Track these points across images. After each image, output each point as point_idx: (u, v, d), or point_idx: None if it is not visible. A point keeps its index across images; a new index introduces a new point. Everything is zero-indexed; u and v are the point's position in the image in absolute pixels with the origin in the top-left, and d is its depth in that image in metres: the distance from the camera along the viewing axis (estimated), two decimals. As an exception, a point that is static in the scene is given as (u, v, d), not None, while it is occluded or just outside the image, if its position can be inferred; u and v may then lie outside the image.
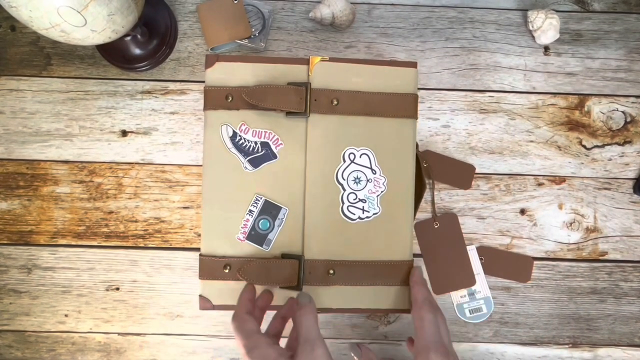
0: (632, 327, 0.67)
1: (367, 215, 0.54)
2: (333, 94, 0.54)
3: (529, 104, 0.68)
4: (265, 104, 0.52)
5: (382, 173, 0.55)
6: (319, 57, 0.54)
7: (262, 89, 0.52)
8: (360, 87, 0.54)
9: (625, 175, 0.67)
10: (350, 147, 0.54)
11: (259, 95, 0.51)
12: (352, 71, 0.54)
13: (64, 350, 0.65)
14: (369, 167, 0.54)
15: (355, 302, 0.54)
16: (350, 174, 0.54)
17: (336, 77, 0.54)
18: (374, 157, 0.55)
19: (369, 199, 0.54)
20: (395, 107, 0.55)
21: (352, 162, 0.54)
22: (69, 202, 0.65)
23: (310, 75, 0.54)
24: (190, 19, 0.67)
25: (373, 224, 0.54)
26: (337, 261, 0.53)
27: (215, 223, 0.54)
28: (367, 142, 0.54)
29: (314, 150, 0.54)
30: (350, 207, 0.54)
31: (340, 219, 0.54)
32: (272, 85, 0.52)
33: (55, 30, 0.50)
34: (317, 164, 0.54)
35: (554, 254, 0.67)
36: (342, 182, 0.54)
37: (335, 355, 0.66)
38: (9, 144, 0.66)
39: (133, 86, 0.66)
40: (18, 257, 0.65)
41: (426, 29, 0.68)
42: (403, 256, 0.55)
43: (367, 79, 0.54)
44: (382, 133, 0.55)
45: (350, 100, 0.54)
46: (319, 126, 0.54)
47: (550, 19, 0.65)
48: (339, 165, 0.54)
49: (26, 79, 0.66)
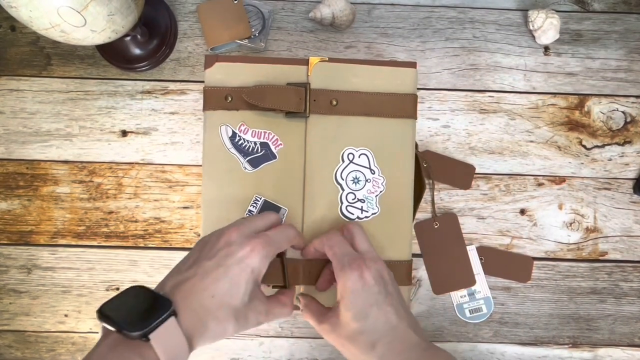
0: (632, 327, 0.67)
1: (365, 215, 0.54)
2: (332, 95, 0.54)
3: (529, 104, 0.68)
4: (264, 104, 0.51)
5: (381, 173, 0.55)
6: (318, 58, 0.54)
7: (261, 89, 0.52)
8: (359, 87, 0.54)
9: (625, 175, 0.67)
10: (349, 147, 0.54)
11: (259, 95, 0.51)
12: (352, 71, 0.54)
13: (64, 350, 0.65)
14: (368, 167, 0.54)
15: None
16: (349, 174, 0.54)
17: (335, 78, 0.54)
18: (372, 157, 0.54)
19: (367, 199, 0.54)
20: (394, 107, 0.54)
21: (351, 162, 0.54)
22: (69, 202, 0.65)
23: (310, 76, 0.54)
24: (190, 19, 0.67)
25: (372, 224, 0.54)
26: None
27: (214, 223, 0.54)
28: (366, 142, 0.54)
29: (313, 150, 0.54)
30: (349, 207, 0.54)
31: (339, 219, 0.54)
32: (271, 86, 0.52)
33: (55, 31, 0.50)
34: (316, 164, 0.54)
35: (554, 254, 0.67)
36: (341, 182, 0.54)
37: (336, 355, 0.66)
38: (9, 144, 0.66)
39: (133, 86, 0.66)
40: (18, 257, 0.65)
41: (426, 29, 0.68)
42: (402, 256, 0.55)
43: (366, 79, 0.54)
44: (381, 133, 0.54)
45: (349, 101, 0.54)
46: (318, 126, 0.54)
47: (550, 19, 0.65)
48: (338, 165, 0.54)
49: (26, 79, 0.66)
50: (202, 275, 0.41)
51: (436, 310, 0.66)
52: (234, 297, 0.41)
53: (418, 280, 0.66)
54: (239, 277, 0.41)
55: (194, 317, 0.39)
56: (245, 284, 0.41)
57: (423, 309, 0.66)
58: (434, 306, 0.66)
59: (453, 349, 0.66)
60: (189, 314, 0.39)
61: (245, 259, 0.41)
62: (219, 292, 0.40)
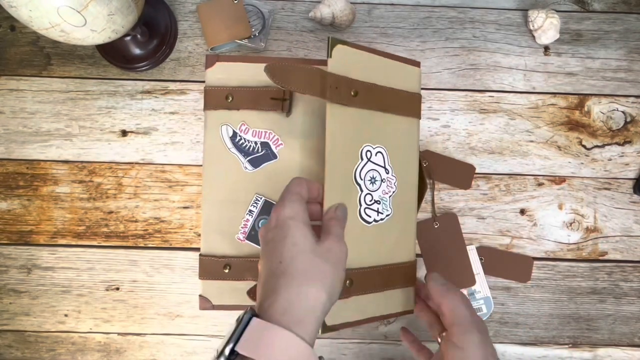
0: (632, 327, 0.67)
1: (381, 217, 0.51)
2: (353, 84, 0.48)
3: (529, 104, 0.68)
4: (288, 84, 0.45)
5: (393, 173, 0.52)
6: (339, 40, 0.48)
7: (285, 67, 0.45)
8: (375, 80, 0.50)
9: (625, 175, 0.67)
10: (367, 144, 0.50)
11: (282, 75, 0.44)
12: (370, 61, 0.50)
13: (64, 350, 0.65)
14: (383, 166, 0.51)
15: (371, 310, 0.50)
16: (367, 173, 0.50)
17: (355, 66, 0.49)
18: (387, 156, 0.51)
19: (382, 200, 0.51)
20: (404, 105, 0.53)
21: (369, 160, 0.50)
22: (69, 202, 0.65)
23: (330, 59, 0.47)
24: (190, 19, 0.67)
25: (386, 226, 0.51)
26: (355, 270, 0.48)
27: (215, 223, 0.54)
28: (381, 140, 0.51)
29: (334, 146, 0.47)
30: (367, 209, 0.50)
31: (358, 223, 0.49)
32: (297, 65, 0.45)
33: (55, 30, 0.50)
34: (336, 161, 0.47)
35: (553, 254, 0.67)
36: (360, 182, 0.49)
37: (335, 355, 0.66)
38: (9, 144, 0.66)
39: (133, 86, 0.66)
40: (18, 257, 0.65)
41: (426, 29, 0.68)
42: (408, 257, 0.54)
43: (381, 72, 0.51)
44: (393, 131, 0.52)
45: (367, 93, 0.49)
46: (339, 119, 0.47)
47: (550, 19, 0.65)
48: (357, 163, 0.49)
49: (26, 79, 0.66)
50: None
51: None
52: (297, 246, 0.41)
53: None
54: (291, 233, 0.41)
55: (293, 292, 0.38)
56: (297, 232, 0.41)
57: (423, 308, 0.66)
58: (434, 306, 0.66)
59: (453, 348, 0.66)
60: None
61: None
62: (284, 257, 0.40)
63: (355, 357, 0.66)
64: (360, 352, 0.66)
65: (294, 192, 0.43)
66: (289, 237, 0.40)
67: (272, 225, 0.42)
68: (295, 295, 0.38)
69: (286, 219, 0.41)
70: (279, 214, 0.42)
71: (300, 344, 0.36)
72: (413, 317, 0.66)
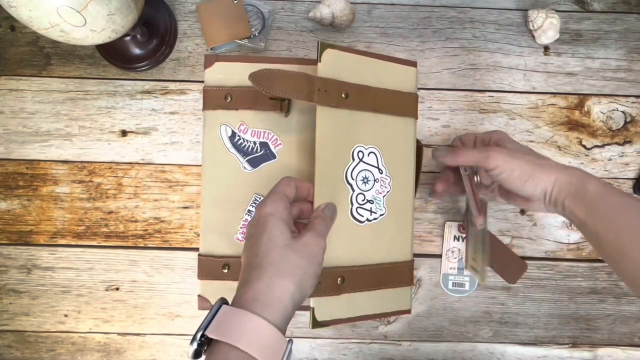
0: (632, 327, 0.67)
1: (374, 217, 0.52)
2: (343, 87, 0.49)
3: (528, 104, 0.68)
4: (273, 90, 0.46)
5: (387, 173, 0.53)
6: (328, 44, 0.49)
7: (270, 73, 0.46)
8: (368, 81, 0.51)
9: (625, 175, 0.67)
10: (359, 145, 0.51)
11: (267, 81, 0.46)
12: (361, 64, 0.51)
13: (64, 350, 0.65)
14: (376, 166, 0.52)
15: (363, 309, 0.51)
16: (359, 174, 0.51)
17: (346, 69, 0.50)
18: (380, 156, 0.52)
19: (376, 199, 0.52)
20: (399, 105, 0.53)
21: (361, 160, 0.51)
22: (69, 202, 0.65)
23: (319, 64, 0.49)
24: (190, 19, 0.67)
25: (379, 226, 0.52)
26: (347, 268, 0.50)
27: (214, 223, 0.54)
28: (374, 140, 0.52)
29: (323, 147, 0.48)
30: (359, 208, 0.51)
31: (349, 222, 0.51)
32: (281, 70, 0.47)
33: (55, 30, 0.50)
34: (326, 161, 0.49)
35: (553, 254, 0.67)
36: (352, 182, 0.51)
37: (335, 355, 0.66)
38: (9, 144, 0.66)
39: (133, 86, 0.66)
40: (18, 257, 0.65)
41: (426, 29, 0.68)
42: (405, 257, 0.54)
43: (373, 74, 0.52)
44: (387, 131, 0.53)
45: (359, 95, 0.50)
46: (329, 121, 0.49)
47: (550, 18, 0.65)
48: (348, 163, 0.51)
49: (26, 79, 0.66)
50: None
51: (436, 310, 0.66)
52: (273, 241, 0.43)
53: (418, 280, 0.66)
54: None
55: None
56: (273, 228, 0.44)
57: (423, 309, 0.66)
58: (434, 306, 0.66)
59: (453, 348, 0.66)
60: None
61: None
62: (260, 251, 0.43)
63: (355, 357, 0.66)
64: (360, 352, 0.66)
65: (278, 191, 0.46)
66: (266, 232, 0.43)
67: (253, 221, 0.45)
68: (265, 286, 0.40)
69: (266, 215, 0.44)
70: (260, 211, 0.44)
71: (267, 326, 0.38)
72: (413, 317, 0.66)
